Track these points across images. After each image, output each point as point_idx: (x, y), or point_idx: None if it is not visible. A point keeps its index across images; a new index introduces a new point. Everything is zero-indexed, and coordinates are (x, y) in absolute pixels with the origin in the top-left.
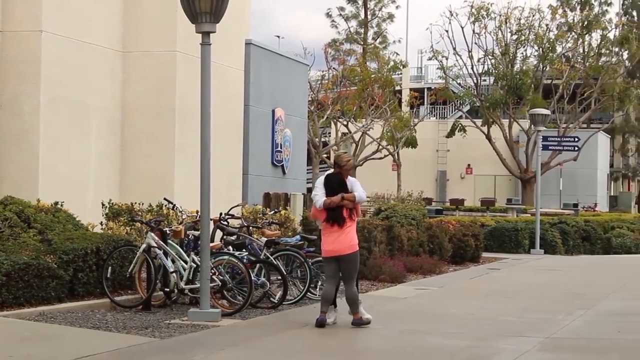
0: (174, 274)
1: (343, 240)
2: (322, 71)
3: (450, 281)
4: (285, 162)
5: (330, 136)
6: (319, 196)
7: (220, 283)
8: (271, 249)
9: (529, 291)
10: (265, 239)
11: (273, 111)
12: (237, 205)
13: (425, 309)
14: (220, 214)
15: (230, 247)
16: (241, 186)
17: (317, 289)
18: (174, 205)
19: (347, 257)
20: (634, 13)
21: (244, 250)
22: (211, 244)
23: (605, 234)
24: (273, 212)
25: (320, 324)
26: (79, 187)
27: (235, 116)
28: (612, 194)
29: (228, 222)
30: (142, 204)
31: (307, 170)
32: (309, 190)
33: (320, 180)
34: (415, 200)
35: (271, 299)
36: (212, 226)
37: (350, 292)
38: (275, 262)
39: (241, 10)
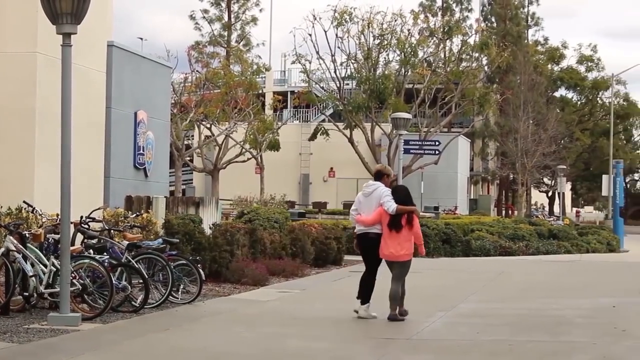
0: (33, 278)
1: (401, 248)
2: (186, 74)
3: (312, 284)
4: (147, 165)
5: (193, 139)
6: (392, 202)
7: (80, 287)
8: (133, 253)
9: None
10: (127, 242)
11: (135, 114)
12: (99, 209)
13: (288, 312)
14: (81, 217)
15: (91, 251)
16: (103, 189)
17: (179, 293)
18: (34, 208)
19: (403, 263)
20: (494, 19)
21: (105, 253)
22: (72, 248)
23: (465, 236)
24: (135, 215)
25: (393, 318)
26: None
27: (97, 118)
28: (472, 197)
29: (89, 226)
30: (1, 207)
31: (170, 173)
32: (172, 193)
33: (388, 190)
34: (278, 203)
35: (133, 302)
36: (72, 230)
37: (394, 289)
38: (136, 266)
39: (103, 12)
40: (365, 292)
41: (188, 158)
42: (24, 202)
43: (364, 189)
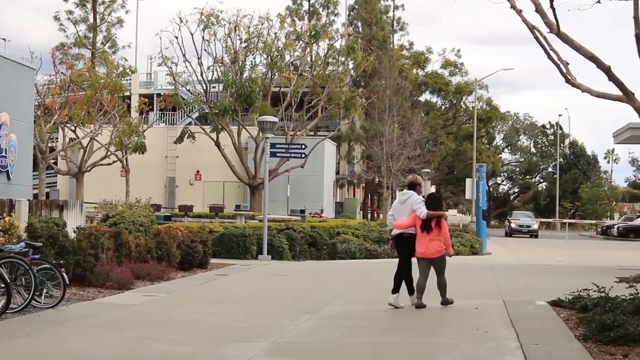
0: None
1: (432, 247)
2: (50, 75)
3: (178, 287)
4: (10, 167)
5: (57, 141)
6: (423, 209)
7: None
8: None
9: (256, 296)
10: None
11: None
12: None
13: (153, 315)
14: None
15: None
16: None
17: (43, 297)
18: None
19: (436, 259)
20: (359, 24)
21: None
22: None
23: (331, 239)
24: None
25: (418, 307)
26: None
27: None
28: (338, 201)
29: None
30: None
31: (34, 176)
32: (35, 196)
33: (418, 197)
34: (144, 206)
35: None
36: None
37: (440, 281)
38: None
39: None
40: (396, 284)
41: (52, 161)
42: None
43: (399, 197)
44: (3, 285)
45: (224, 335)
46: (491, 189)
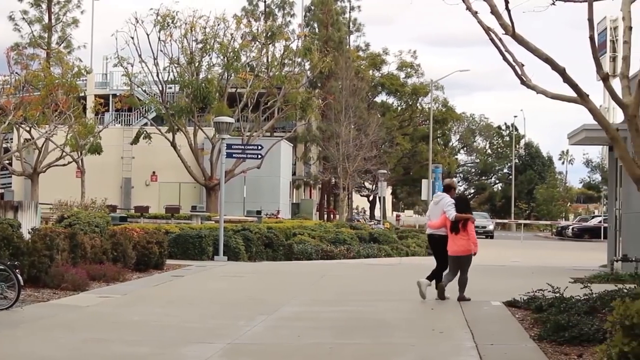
0: None
1: (459, 245)
2: (4, 76)
3: (134, 289)
4: None
5: (12, 142)
6: (452, 211)
7: None
8: None
9: (212, 298)
10: None
11: None
12: None
13: (109, 317)
14: None
15: None
16: None
17: None
18: None
19: (462, 257)
20: (316, 25)
21: None
22: None
23: (287, 240)
24: None
25: (460, 299)
26: None
27: None
28: (294, 202)
29: None
30: None
31: None
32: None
33: (450, 200)
34: (100, 207)
35: None
36: None
37: (462, 278)
38: None
39: None
40: (431, 275)
41: (7, 161)
42: None
43: (434, 199)
44: None
45: (181, 336)
46: None
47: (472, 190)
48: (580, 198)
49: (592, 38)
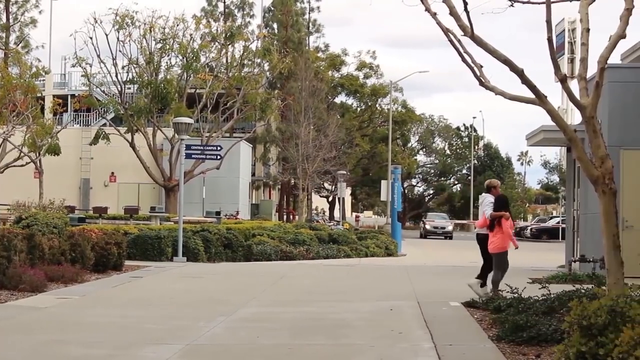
0: None
1: (492, 242)
2: None
3: (92, 290)
4: None
5: None
6: (488, 210)
7: None
8: None
9: (171, 298)
10: None
11: None
12: None
13: (67, 318)
14: None
15: None
16: None
17: None
18: None
19: (495, 255)
20: (275, 26)
21: None
22: None
23: (246, 241)
24: None
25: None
26: None
27: None
28: (253, 202)
29: None
30: None
31: None
32: None
33: (490, 199)
34: (58, 208)
35: None
36: None
37: (494, 276)
38: None
39: None
40: (481, 273)
41: None
42: None
43: (480, 199)
44: None
45: (140, 338)
46: (406, 191)
47: (431, 191)
48: (539, 199)
49: (550, 40)
